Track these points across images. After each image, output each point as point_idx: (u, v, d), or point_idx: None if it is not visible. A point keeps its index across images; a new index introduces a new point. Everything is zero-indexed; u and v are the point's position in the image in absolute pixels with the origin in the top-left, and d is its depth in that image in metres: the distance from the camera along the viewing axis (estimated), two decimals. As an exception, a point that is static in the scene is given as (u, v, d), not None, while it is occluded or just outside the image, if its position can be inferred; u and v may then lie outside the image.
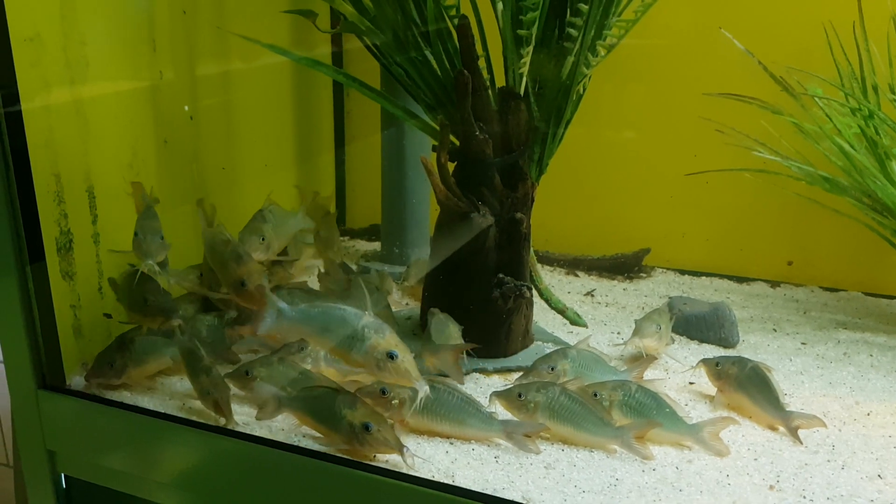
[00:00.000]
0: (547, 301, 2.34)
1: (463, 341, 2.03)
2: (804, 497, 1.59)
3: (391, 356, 1.64)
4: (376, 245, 3.05)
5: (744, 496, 1.59)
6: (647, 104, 2.77)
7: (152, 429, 1.85)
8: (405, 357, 1.64)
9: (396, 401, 1.79)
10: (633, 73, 2.71)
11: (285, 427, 1.84)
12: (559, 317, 2.39)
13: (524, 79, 1.96)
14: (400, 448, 1.65)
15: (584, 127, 2.68)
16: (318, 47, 2.90)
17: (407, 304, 2.50)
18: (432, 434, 1.80)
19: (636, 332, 2.13)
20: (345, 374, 1.96)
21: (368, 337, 1.65)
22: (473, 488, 1.61)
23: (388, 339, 1.65)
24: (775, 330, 2.39)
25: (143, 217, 2.03)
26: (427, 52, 1.99)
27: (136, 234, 2.00)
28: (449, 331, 2.01)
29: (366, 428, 1.66)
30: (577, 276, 2.84)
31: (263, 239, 2.14)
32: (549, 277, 2.81)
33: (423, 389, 1.65)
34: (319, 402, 1.75)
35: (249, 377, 1.92)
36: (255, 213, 2.23)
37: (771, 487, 1.63)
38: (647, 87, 2.74)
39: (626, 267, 2.83)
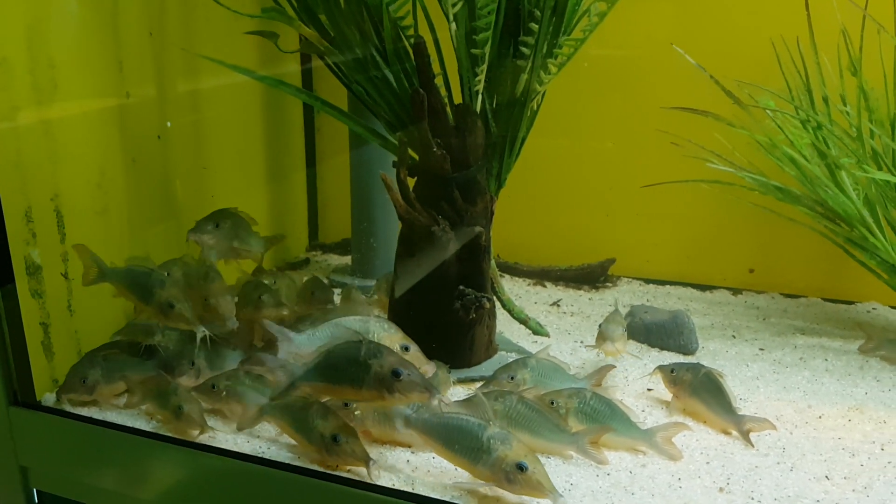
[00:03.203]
0: (510, 312, 2.40)
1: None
2: (752, 499, 1.64)
3: (521, 468, 1.56)
4: (348, 259, 3.09)
5: (694, 498, 1.64)
6: (611, 117, 2.83)
7: (124, 444, 1.88)
8: (536, 467, 1.57)
9: (359, 412, 1.84)
10: (598, 86, 2.77)
11: (251, 440, 1.88)
12: (524, 327, 2.44)
13: (480, 96, 2.01)
14: (366, 460, 1.70)
15: (552, 140, 2.76)
16: (287, 65, 2.95)
17: (376, 316, 2.54)
18: (394, 443, 1.85)
19: (606, 338, 2.18)
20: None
21: (495, 449, 1.58)
22: (432, 496, 1.65)
23: (516, 450, 1.58)
24: (734, 336, 2.45)
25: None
26: (386, 72, 2.04)
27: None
28: (438, 378, 2.02)
29: (335, 439, 1.71)
30: (544, 286, 2.89)
31: (168, 274, 2.19)
32: (517, 288, 2.87)
33: (560, 500, 1.57)
34: (297, 413, 1.80)
35: (216, 390, 1.97)
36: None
37: (721, 490, 1.68)
38: (611, 101, 2.80)
39: (591, 277, 2.88)
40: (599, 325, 2.22)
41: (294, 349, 1.81)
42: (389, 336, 1.83)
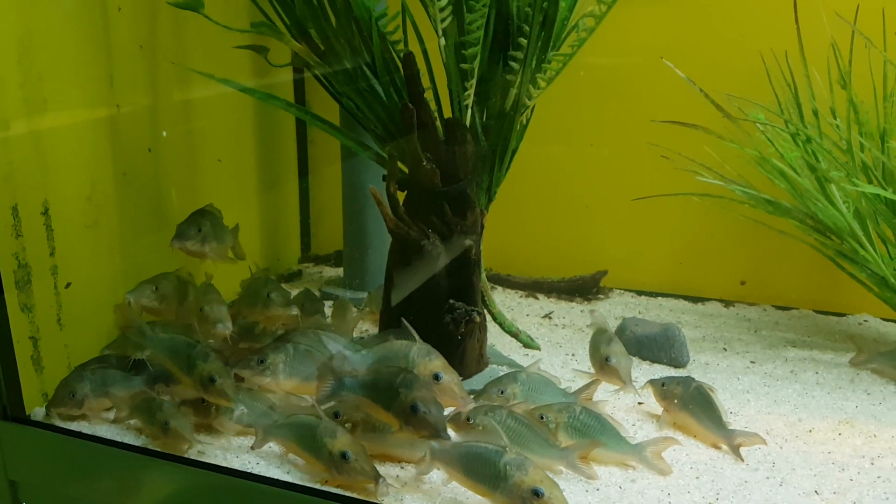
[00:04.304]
0: (500, 325, 2.40)
1: None
2: (741, 514, 1.65)
3: (537, 494, 1.54)
4: (340, 271, 3.09)
5: (683, 514, 1.65)
6: (603, 129, 2.84)
7: (113, 459, 1.88)
8: (553, 493, 1.55)
9: (349, 424, 1.84)
10: (590, 98, 2.78)
11: (240, 455, 1.88)
12: (516, 340, 2.44)
13: (469, 110, 2.02)
14: (376, 477, 1.69)
15: (545, 152, 2.77)
16: (281, 76, 2.95)
17: (366, 329, 2.55)
18: (384, 458, 1.84)
19: (622, 379, 2.08)
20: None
21: (511, 475, 1.57)
22: (421, 511, 1.66)
23: (532, 475, 1.57)
24: (726, 349, 2.45)
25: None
26: (376, 85, 2.05)
27: None
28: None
29: (343, 457, 1.70)
30: (536, 298, 2.89)
31: (157, 288, 2.22)
32: (510, 300, 2.87)
33: None
34: (303, 431, 1.80)
35: (206, 405, 1.96)
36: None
37: (710, 505, 1.68)
38: (602, 113, 2.81)
39: (584, 289, 2.88)
40: (607, 359, 2.09)
41: (349, 367, 1.84)
42: (425, 363, 1.80)
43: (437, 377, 1.78)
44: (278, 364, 2.00)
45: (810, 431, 1.98)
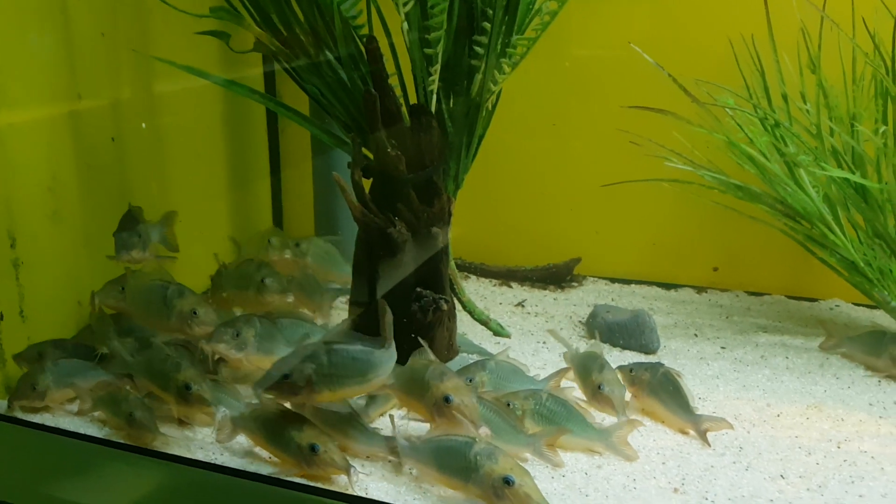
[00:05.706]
0: (470, 313, 2.38)
1: None
2: (706, 499, 1.64)
3: (507, 482, 1.53)
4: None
5: (649, 500, 1.64)
6: (576, 117, 2.82)
7: (75, 451, 1.86)
8: (523, 480, 1.54)
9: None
10: (561, 85, 2.77)
11: (204, 446, 1.86)
12: (486, 328, 2.43)
13: (434, 96, 2.00)
14: (347, 468, 1.68)
15: (518, 140, 2.75)
16: (250, 67, 2.91)
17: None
18: (348, 451, 1.82)
19: (617, 408, 1.93)
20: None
21: (481, 465, 1.56)
22: (386, 500, 1.64)
23: (502, 464, 1.56)
24: (696, 335, 2.45)
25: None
26: (340, 72, 2.02)
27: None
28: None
29: (312, 449, 1.69)
30: (510, 286, 2.88)
31: (123, 289, 2.18)
32: (483, 289, 2.85)
33: None
34: (271, 424, 1.77)
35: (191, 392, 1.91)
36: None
37: (675, 490, 1.67)
38: (574, 100, 2.80)
39: (557, 277, 2.87)
40: (600, 387, 1.95)
41: None
42: (437, 385, 1.73)
43: (446, 399, 1.71)
44: (250, 339, 1.98)
45: (778, 416, 1.98)
